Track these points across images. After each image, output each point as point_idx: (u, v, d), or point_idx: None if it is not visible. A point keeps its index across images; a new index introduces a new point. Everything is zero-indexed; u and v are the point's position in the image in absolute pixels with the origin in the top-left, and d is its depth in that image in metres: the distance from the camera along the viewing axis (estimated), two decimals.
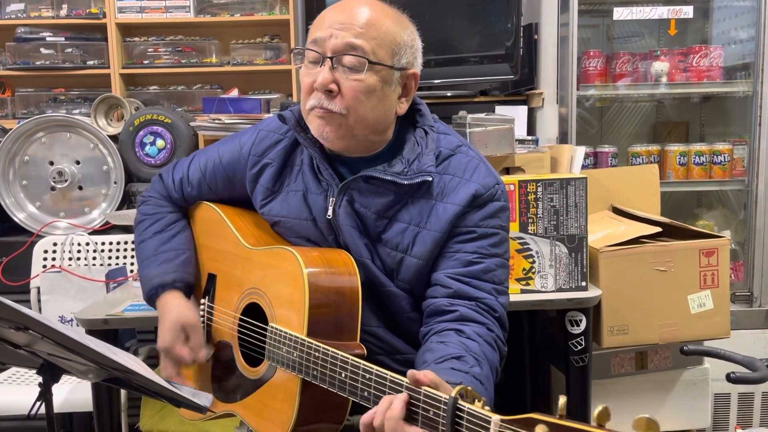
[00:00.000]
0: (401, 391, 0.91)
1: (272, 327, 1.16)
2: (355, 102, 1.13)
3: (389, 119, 1.21)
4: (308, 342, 1.08)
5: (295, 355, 1.10)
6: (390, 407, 0.89)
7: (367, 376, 0.98)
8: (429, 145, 1.20)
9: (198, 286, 1.42)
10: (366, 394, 0.98)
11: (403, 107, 1.21)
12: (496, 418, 0.78)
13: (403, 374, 1.13)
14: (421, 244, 1.18)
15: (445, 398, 0.85)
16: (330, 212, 1.22)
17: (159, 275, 1.35)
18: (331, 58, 1.12)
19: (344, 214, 1.21)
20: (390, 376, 0.94)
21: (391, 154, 1.22)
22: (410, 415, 0.89)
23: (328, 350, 1.05)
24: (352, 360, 1.01)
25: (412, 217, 1.19)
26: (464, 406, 0.82)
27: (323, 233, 1.24)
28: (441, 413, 0.85)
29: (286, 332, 1.13)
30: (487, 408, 0.81)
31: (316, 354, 1.07)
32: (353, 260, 1.19)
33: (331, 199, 1.22)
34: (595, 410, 0.68)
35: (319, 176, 1.24)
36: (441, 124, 1.28)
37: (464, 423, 0.82)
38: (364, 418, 0.93)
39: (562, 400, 0.72)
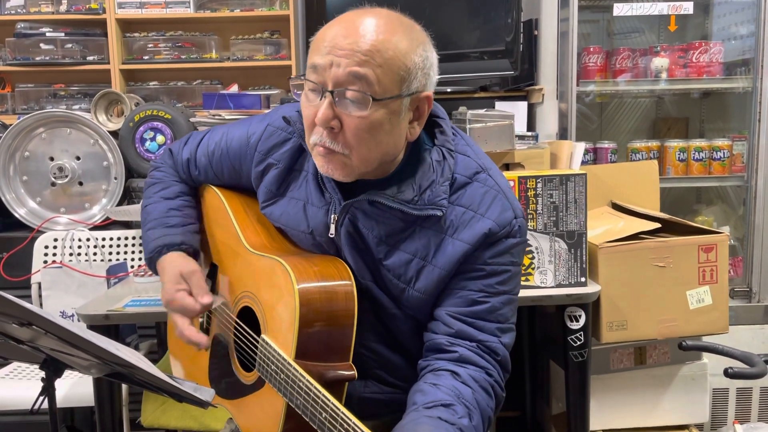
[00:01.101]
0: None
1: (263, 340, 1.13)
2: (358, 141, 1.03)
3: (399, 147, 1.11)
4: (294, 369, 1.03)
5: (281, 377, 1.06)
6: None
7: (345, 426, 0.92)
8: (445, 173, 1.10)
9: (202, 265, 1.38)
10: None
11: (414, 132, 1.10)
12: None
13: (402, 390, 1.12)
14: (425, 279, 1.11)
15: None
16: (332, 230, 1.15)
17: (166, 236, 1.30)
18: (332, 92, 1.02)
19: (345, 234, 1.14)
20: None
21: (404, 173, 1.13)
22: None
23: (311, 385, 1.00)
24: (331, 404, 0.96)
25: (417, 250, 1.11)
26: None
27: (323, 247, 1.19)
28: None
29: (275, 350, 1.09)
30: None
31: (300, 384, 1.02)
32: (351, 274, 1.13)
33: (332, 216, 1.15)
34: None
35: (322, 188, 1.17)
36: (461, 139, 1.17)
37: None
38: None
39: None
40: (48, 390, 1.12)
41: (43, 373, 1.13)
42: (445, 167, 1.10)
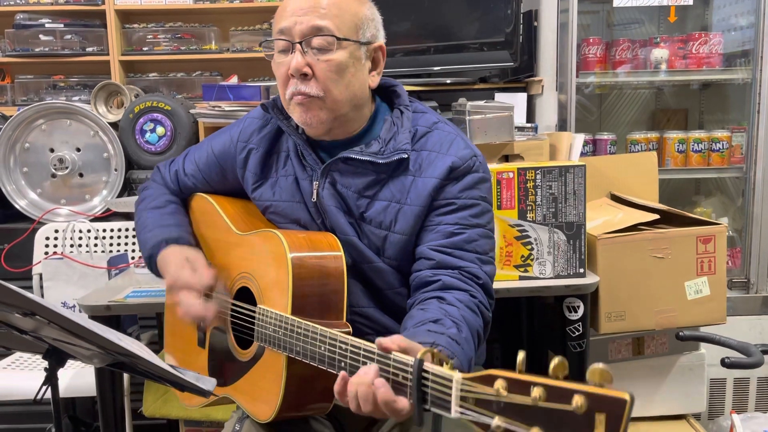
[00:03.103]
0: (373, 358, 0.94)
1: (260, 308, 1.19)
2: (329, 82, 1.17)
3: (364, 94, 1.25)
4: (291, 319, 1.11)
5: (280, 333, 1.13)
6: (364, 374, 0.92)
7: (343, 347, 1.00)
8: (404, 123, 1.24)
9: None
10: (343, 365, 1.00)
11: (375, 80, 1.25)
12: (458, 375, 0.80)
13: None
14: (403, 220, 1.21)
15: (411, 361, 0.87)
16: (314, 195, 1.26)
17: (163, 233, 1.36)
18: (300, 43, 1.16)
19: (328, 195, 1.25)
20: (364, 345, 0.97)
21: (369, 135, 1.27)
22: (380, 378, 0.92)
23: (309, 326, 1.08)
24: (330, 333, 1.04)
25: (392, 195, 1.22)
26: (429, 368, 0.85)
27: (312, 216, 1.29)
28: (409, 377, 0.87)
29: (272, 312, 1.16)
30: (455, 370, 0.83)
31: (299, 330, 1.09)
32: (339, 242, 1.22)
33: (315, 183, 1.27)
34: (551, 362, 0.69)
35: (303, 162, 1.29)
36: (418, 103, 1.31)
37: (429, 384, 0.84)
38: (336, 387, 0.95)
39: (521, 355, 0.74)
40: (51, 380, 1.13)
41: (45, 363, 1.14)
42: (404, 120, 1.24)
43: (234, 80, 2.81)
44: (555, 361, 0.69)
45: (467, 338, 1.09)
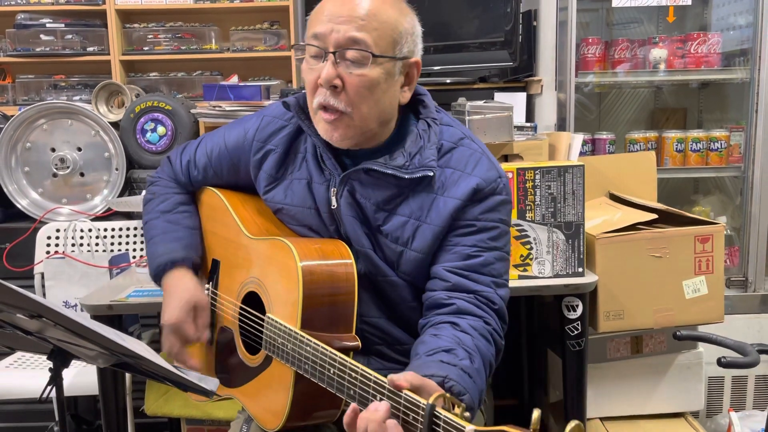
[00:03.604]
0: (383, 392, 0.92)
1: (269, 318, 1.18)
2: (359, 98, 1.13)
3: (393, 109, 1.21)
4: (300, 335, 1.09)
5: (288, 347, 1.11)
6: (375, 410, 0.90)
7: (353, 375, 0.98)
8: (431, 138, 1.19)
9: (203, 271, 1.43)
10: (351, 392, 0.99)
11: (406, 96, 1.21)
12: (470, 428, 0.80)
13: (404, 365, 1.14)
14: (421, 238, 1.18)
15: (423, 404, 0.86)
16: (334, 202, 1.23)
17: (168, 252, 1.35)
18: (334, 53, 1.11)
19: (345, 204, 1.22)
20: (374, 377, 0.95)
21: (393, 146, 1.22)
22: (391, 417, 0.91)
23: (318, 345, 1.06)
24: (339, 357, 1.02)
25: (412, 211, 1.19)
26: (441, 414, 0.84)
27: (325, 223, 1.25)
28: (419, 418, 0.86)
29: (281, 324, 1.14)
30: (466, 414, 0.83)
31: (308, 348, 1.07)
32: (351, 253, 1.19)
33: (332, 189, 1.23)
34: (567, 427, 0.69)
35: (322, 165, 1.25)
36: (445, 114, 1.27)
37: (440, 430, 0.84)
38: (346, 419, 0.94)
39: (536, 414, 0.73)
40: (56, 380, 1.14)
41: (45, 362, 1.15)
42: (431, 134, 1.20)
43: (234, 80, 2.82)
44: (571, 425, 0.68)
45: (479, 369, 1.07)
